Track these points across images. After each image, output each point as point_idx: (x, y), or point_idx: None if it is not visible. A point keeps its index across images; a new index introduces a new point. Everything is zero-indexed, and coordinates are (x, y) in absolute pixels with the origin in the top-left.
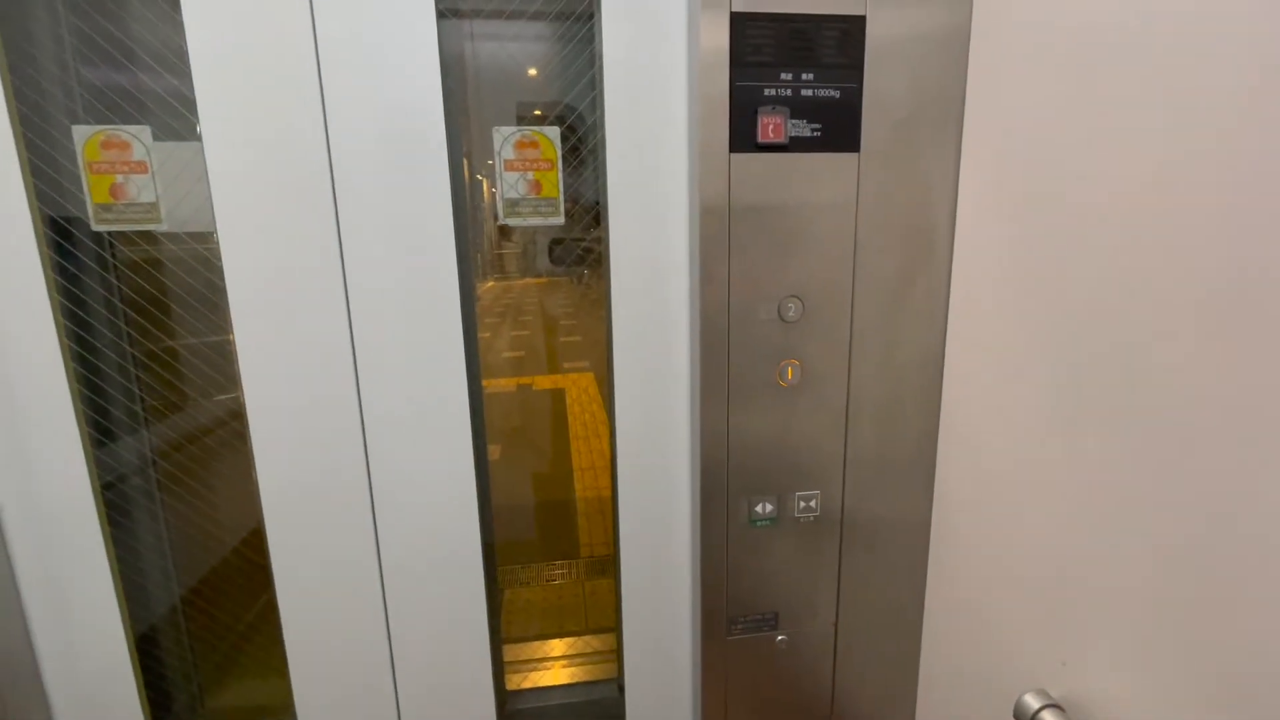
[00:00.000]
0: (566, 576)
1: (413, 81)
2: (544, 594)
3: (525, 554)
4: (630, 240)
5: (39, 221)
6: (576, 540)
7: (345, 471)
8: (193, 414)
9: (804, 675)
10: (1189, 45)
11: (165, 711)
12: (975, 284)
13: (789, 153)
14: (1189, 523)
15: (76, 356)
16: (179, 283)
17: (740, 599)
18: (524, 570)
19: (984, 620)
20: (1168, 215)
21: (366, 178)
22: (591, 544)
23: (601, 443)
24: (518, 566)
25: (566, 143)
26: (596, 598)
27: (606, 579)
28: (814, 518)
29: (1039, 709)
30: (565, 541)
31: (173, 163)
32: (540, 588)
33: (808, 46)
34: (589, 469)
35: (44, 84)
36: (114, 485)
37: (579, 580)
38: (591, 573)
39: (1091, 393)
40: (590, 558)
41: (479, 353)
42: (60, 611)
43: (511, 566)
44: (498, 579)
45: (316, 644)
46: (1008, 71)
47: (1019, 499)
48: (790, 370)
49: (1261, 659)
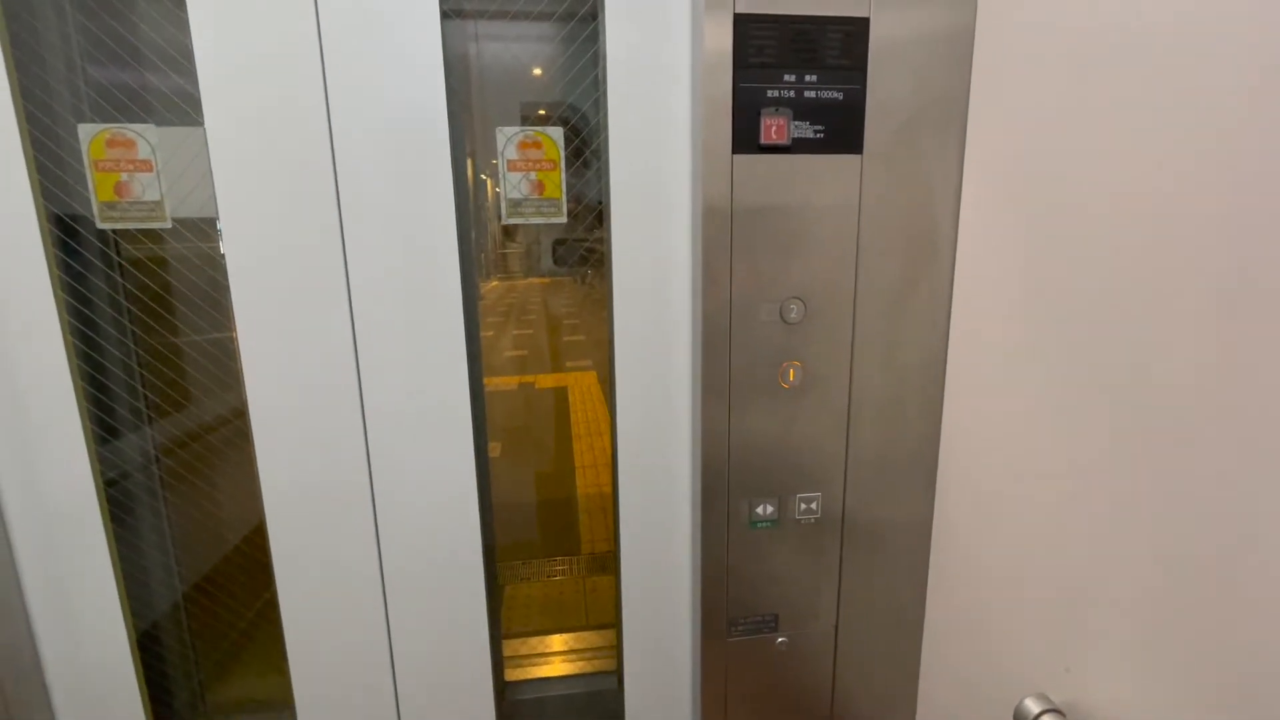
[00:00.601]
0: (567, 573)
1: (417, 81)
2: (545, 589)
3: (526, 551)
4: (633, 241)
5: (44, 219)
6: (578, 538)
7: (346, 469)
8: (195, 411)
9: (804, 678)
10: (1192, 46)
11: (166, 708)
12: (978, 286)
13: (792, 154)
14: (1192, 526)
15: (81, 354)
16: (183, 280)
17: (741, 601)
18: (525, 566)
19: (985, 624)
20: (1171, 217)
21: (370, 177)
22: (593, 540)
23: (604, 440)
24: (519, 563)
25: (569, 143)
26: (597, 594)
27: (607, 575)
28: (815, 520)
29: (1040, 713)
30: (567, 539)
31: (177, 160)
32: (541, 584)
33: (811, 48)
34: (590, 466)
35: (50, 82)
36: (117, 482)
37: (579, 577)
38: (592, 569)
39: (1094, 395)
40: (591, 554)
41: (481, 352)
42: (62, 607)
43: (512, 563)
44: (498, 576)
45: (317, 641)
46: (1011, 73)
47: (1021, 502)
48: (792, 372)
49: (1264, 664)
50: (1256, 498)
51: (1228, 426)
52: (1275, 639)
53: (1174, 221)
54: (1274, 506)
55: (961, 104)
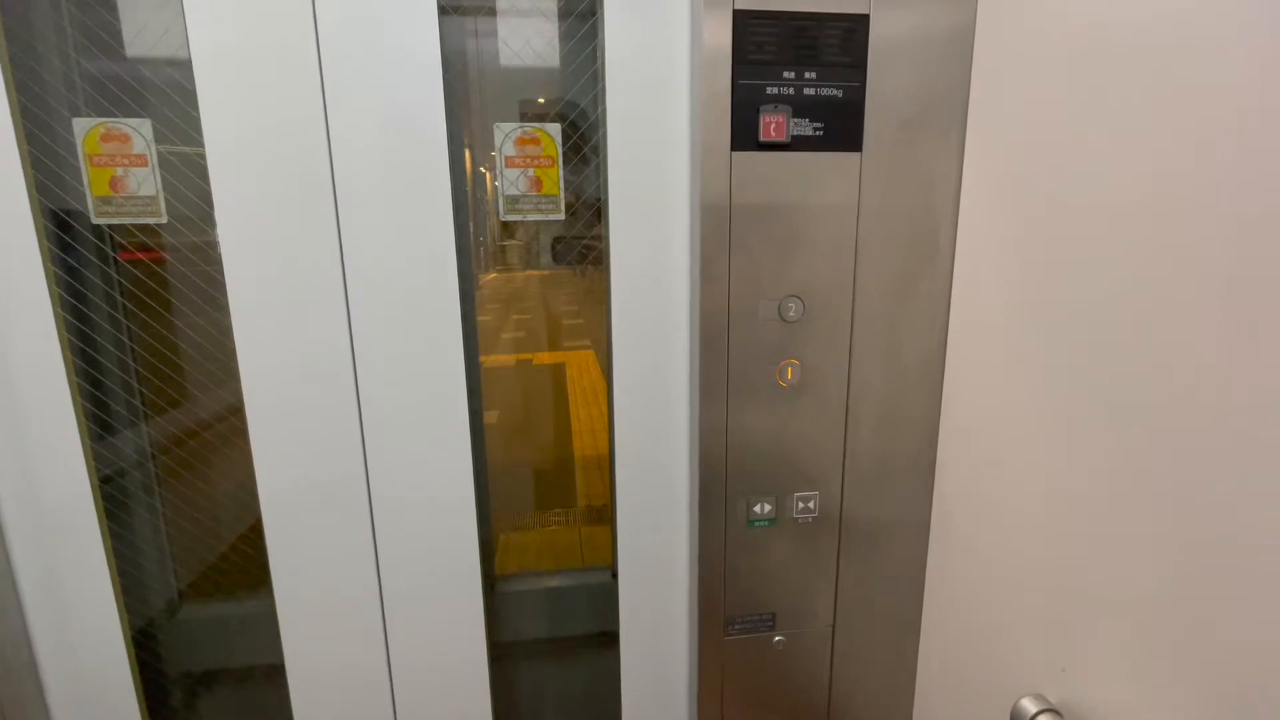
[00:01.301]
0: (563, 522)
1: (414, 77)
2: (539, 537)
3: (524, 504)
4: (631, 238)
5: (39, 214)
6: (575, 493)
7: (342, 464)
8: (191, 407)
9: (801, 676)
10: (1194, 46)
11: (161, 705)
12: (977, 286)
13: (791, 152)
14: (1191, 527)
15: (76, 350)
16: (178, 276)
17: (738, 599)
18: (520, 518)
19: (982, 623)
20: (1171, 218)
21: (366, 171)
22: (589, 495)
23: (599, 408)
24: (514, 515)
25: (568, 140)
26: (593, 541)
27: (603, 524)
28: (812, 519)
29: (1036, 713)
30: (564, 494)
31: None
32: (536, 532)
33: (811, 45)
34: (589, 431)
35: (45, 76)
36: (113, 479)
37: (576, 526)
38: (589, 520)
39: (1093, 396)
40: (588, 506)
41: (478, 348)
42: (57, 605)
43: (509, 515)
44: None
45: (312, 636)
46: (1012, 72)
47: (1019, 502)
48: (790, 370)
49: (1261, 666)
50: (1255, 497)
51: (1227, 426)
52: (1270, 639)
53: (1174, 221)
54: (1272, 506)
55: (961, 103)
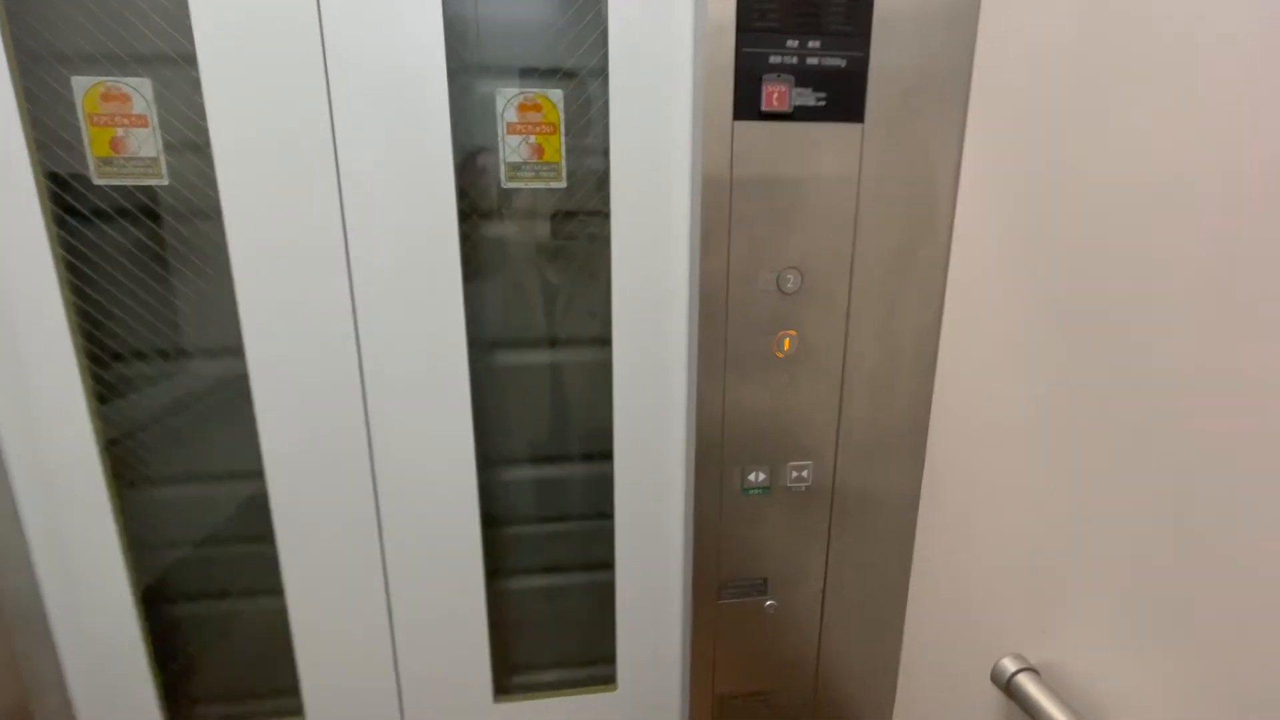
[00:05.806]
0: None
1: (416, 39)
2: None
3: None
4: (632, 206)
5: (40, 175)
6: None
7: (344, 427)
8: (195, 370)
9: (791, 638)
10: (1202, 24)
11: (171, 661)
12: (974, 260)
13: (793, 121)
14: (1170, 492)
15: (79, 311)
16: (179, 238)
17: (731, 565)
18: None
19: (967, 588)
20: (1174, 198)
21: (367, 137)
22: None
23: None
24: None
25: (570, 107)
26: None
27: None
28: (806, 488)
29: (1015, 672)
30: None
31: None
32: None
33: (814, 14)
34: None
35: (44, 34)
36: (119, 441)
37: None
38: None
39: (1083, 373)
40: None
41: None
42: (66, 562)
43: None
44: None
45: (317, 597)
46: (1015, 45)
47: (1006, 471)
48: (787, 341)
49: (1240, 627)
50: (1239, 465)
51: (1215, 397)
52: (1248, 603)
53: (1177, 202)
54: (1254, 473)
55: (964, 76)
